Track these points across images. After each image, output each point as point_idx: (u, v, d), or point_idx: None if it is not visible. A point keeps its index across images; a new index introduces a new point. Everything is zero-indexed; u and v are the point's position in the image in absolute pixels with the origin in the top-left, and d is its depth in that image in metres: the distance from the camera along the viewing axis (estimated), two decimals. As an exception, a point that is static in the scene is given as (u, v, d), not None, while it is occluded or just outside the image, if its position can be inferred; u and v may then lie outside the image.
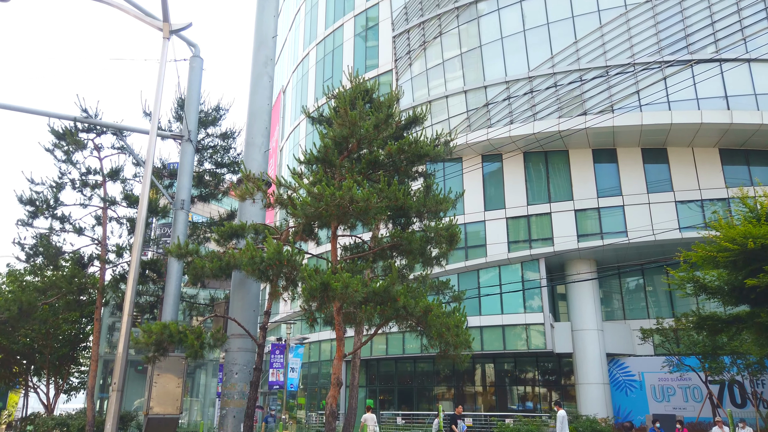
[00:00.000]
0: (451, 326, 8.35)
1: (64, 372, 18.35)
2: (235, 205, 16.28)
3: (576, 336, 26.90)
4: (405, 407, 30.85)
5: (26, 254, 14.58)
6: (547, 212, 27.37)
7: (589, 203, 26.65)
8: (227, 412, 10.94)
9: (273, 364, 29.65)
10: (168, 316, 12.34)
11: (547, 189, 27.85)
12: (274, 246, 8.78)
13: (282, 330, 38.99)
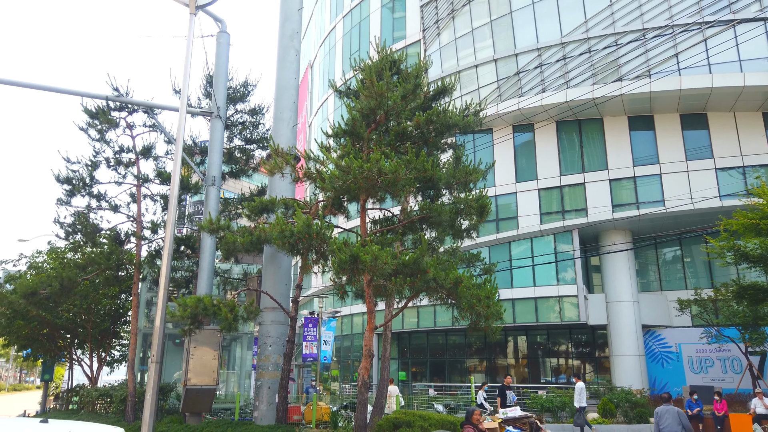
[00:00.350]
0: (482, 297, 8.27)
1: (105, 345, 19.02)
2: (265, 182, 16.38)
3: (611, 308, 26.53)
4: (437, 379, 31.09)
5: (65, 232, 15.03)
6: (581, 182, 26.80)
7: (625, 172, 25.97)
8: (262, 383, 11.17)
9: (306, 337, 30.14)
10: (202, 290, 12.59)
11: (580, 159, 27.22)
12: (303, 219, 8.79)
13: (314, 304, 39.55)
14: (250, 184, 20.67)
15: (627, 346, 25.77)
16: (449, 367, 32.23)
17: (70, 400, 17.86)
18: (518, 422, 13.85)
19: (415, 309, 30.64)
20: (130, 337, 14.45)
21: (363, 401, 9.28)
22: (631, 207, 25.39)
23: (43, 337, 18.90)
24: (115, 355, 20.81)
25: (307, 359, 30.93)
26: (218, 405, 16.91)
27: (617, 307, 26.32)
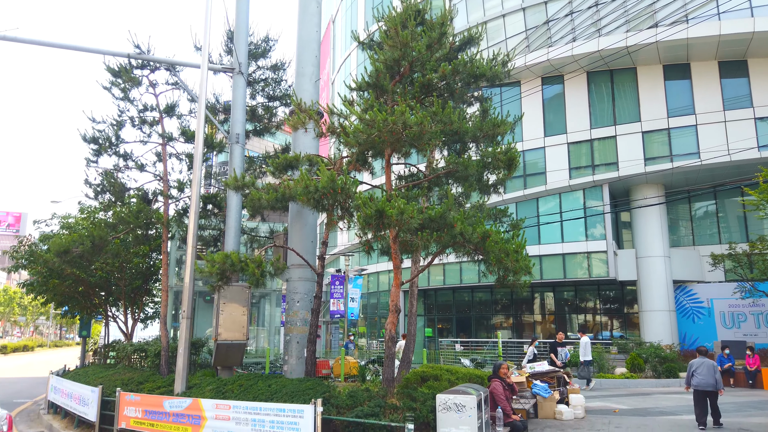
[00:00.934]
0: (510, 252, 8.10)
1: (138, 302, 19.52)
2: (288, 140, 16.23)
3: (641, 263, 26.12)
4: (463, 335, 31.35)
5: (95, 192, 15.20)
6: (612, 135, 26.04)
7: (658, 124, 25.10)
8: (291, 338, 11.32)
9: (333, 294, 30.51)
10: (230, 247, 12.68)
11: (612, 111, 26.36)
12: (327, 175, 8.67)
13: (341, 262, 39.92)
14: (274, 142, 20.57)
15: (657, 302, 25.46)
16: (475, 323, 32.42)
17: (108, 354, 18.48)
18: (545, 376, 13.86)
19: (440, 266, 30.67)
20: (162, 295, 14.74)
21: (390, 355, 9.32)
22: (665, 160, 24.64)
23: (79, 294, 19.47)
24: (148, 312, 21.40)
25: (334, 316, 31.39)
26: (249, 359, 17.32)
27: (648, 262, 25.90)
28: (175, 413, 9.38)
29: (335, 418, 7.81)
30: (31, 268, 19.07)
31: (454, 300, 33.47)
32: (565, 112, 27.35)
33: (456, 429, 7.40)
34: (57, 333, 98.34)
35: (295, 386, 8.94)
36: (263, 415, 8.16)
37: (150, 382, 11.51)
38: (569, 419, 12.27)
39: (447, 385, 9.20)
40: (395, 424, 7.40)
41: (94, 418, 11.23)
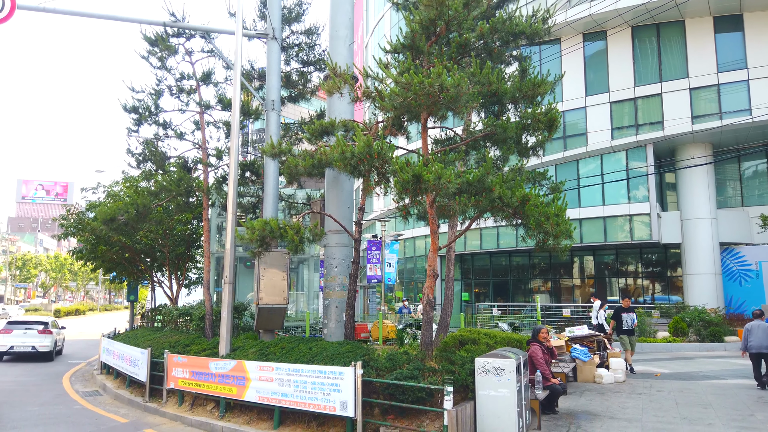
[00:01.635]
0: (550, 215, 7.94)
1: (182, 268, 20.11)
2: (323, 106, 16.16)
3: (685, 225, 25.37)
4: (500, 300, 31.29)
5: (137, 161, 15.54)
6: (657, 93, 25.00)
7: (707, 80, 23.93)
8: (330, 302, 11.49)
9: (370, 259, 30.74)
10: (268, 214, 12.85)
11: (657, 67, 25.23)
12: (364, 140, 8.59)
13: (377, 227, 40.07)
14: (309, 109, 20.53)
15: (702, 265, 24.78)
16: (513, 288, 32.28)
17: (155, 318, 19.20)
18: (585, 340, 13.76)
19: (477, 231, 30.47)
20: (204, 261, 15.12)
21: (428, 319, 9.36)
22: (713, 118, 23.58)
23: (126, 261, 20.17)
24: (192, 277, 22.04)
25: (371, 281, 31.71)
26: (289, 323, 17.72)
27: (693, 224, 25.13)
28: (221, 374, 9.70)
29: (375, 380, 7.94)
30: (80, 236, 19.83)
31: (491, 264, 33.32)
32: (607, 70, 26.33)
33: (495, 392, 7.43)
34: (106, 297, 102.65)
35: (335, 349, 9.10)
36: (305, 377, 8.36)
37: (196, 345, 11.92)
38: (609, 383, 12.19)
39: (485, 349, 9.22)
40: (434, 387, 7.48)
41: (145, 379, 11.74)
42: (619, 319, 14.10)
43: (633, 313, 14.28)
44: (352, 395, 7.73)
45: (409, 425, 7.67)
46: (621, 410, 9.49)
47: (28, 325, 20.52)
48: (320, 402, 8.10)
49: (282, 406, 8.67)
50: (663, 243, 25.38)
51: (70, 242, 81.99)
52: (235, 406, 9.72)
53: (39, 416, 10.43)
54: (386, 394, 7.88)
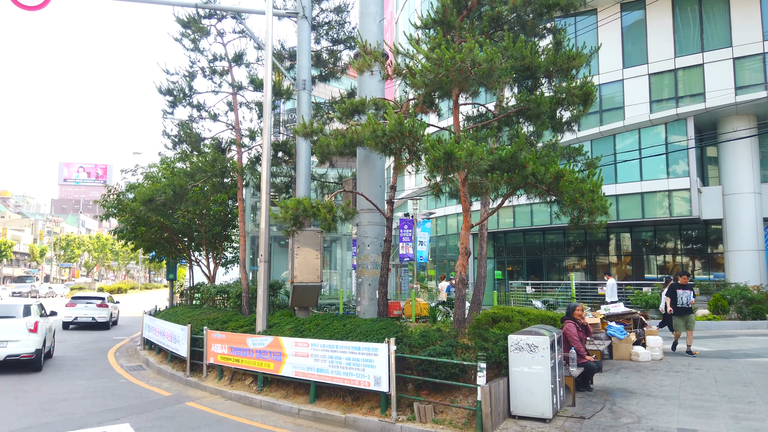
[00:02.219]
0: (585, 191, 7.80)
1: (219, 248, 20.55)
2: (354, 85, 16.11)
3: (727, 200, 24.60)
4: (534, 277, 31.04)
5: (173, 142, 15.87)
6: (699, 63, 24.08)
7: (752, 48, 22.91)
8: (363, 280, 11.60)
9: (402, 238, 30.80)
10: (301, 194, 12.98)
11: (699, 36, 24.25)
12: (395, 118, 8.56)
13: (408, 206, 40.03)
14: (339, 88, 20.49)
15: (745, 241, 24.05)
16: (547, 265, 31.96)
17: (193, 296, 19.74)
18: (621, 318, 13.58)
19: (510, 209, 30.16)
20: (239, 240, 15.42)
21: (461, 297, 9.38)
22: (759, 88, 22.63)
23: (164, 240, 20.71)
24: (228, 256, 22.51)
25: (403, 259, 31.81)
26: (323, 301, 17.99)
27: (735, 199, 24.35)
28: (258, 350, 9.96)
29: (408, 356, 8.02)
30: (120, 216, 20.41)
31: (524, 242, 33.01)
32: (646, 41, 25.45)
33: (528, 369, 7.44)
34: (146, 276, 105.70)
35: (369, 326, 9.22)
36: (340, 353, 8.51)
37: (233, 322, 12.23)
38: (646, 360, 12.04)
39: (518, 326, 9.20)
40: (467, 363, 7.52)
41: (185, 354, 12.13)
42: (674, 296, 12.98)
43: (690, 291, 13.00)
44: (386, 371, 7.84)
45: (443, 400, 7.76)
46: (658, 388, 9.39)
47: (89, 300, 24.53)
48: (355, 377, 8.25)
49: (318, 381, 8.87)
50: (703, 219, 24.68)
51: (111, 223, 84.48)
52: (272, 381, 9.98)
53: (87, 389, 10.91)
54: (419, 370, 7.97)
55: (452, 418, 7.43)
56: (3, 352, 12.16)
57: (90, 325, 24.14)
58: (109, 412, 8.88)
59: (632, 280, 26.30)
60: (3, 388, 10.89)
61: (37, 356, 12.67)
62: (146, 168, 22.51)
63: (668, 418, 7.50)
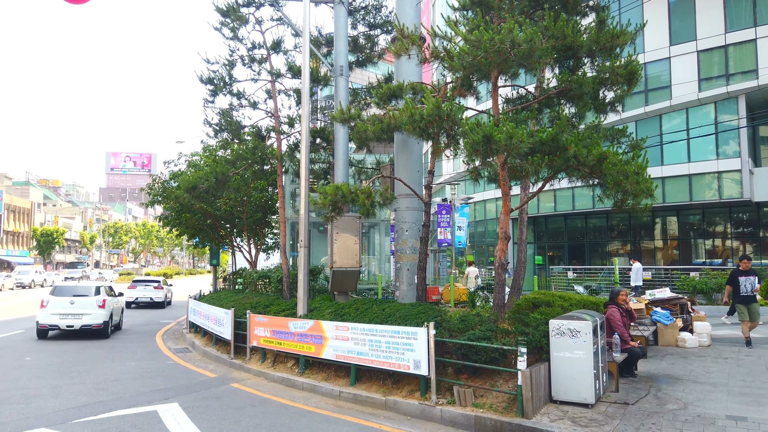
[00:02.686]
0: (630, 174, 7.59)
1: (260, 233, 20.95)
2: (391, 69, 16.03)
3: (782, 182, 23.55)
4: (576, 262, 30.51)
5: (214, 131, 16.18)
6: (751, 39, 22.97)
7: (810, 22, 21.71)
8: (401, 265, 11.64)
9: (440, 223, 30.69)
10: (339, 179, 13.06)
11: (751, 11, 23.11)
12: (432, 102, 8.50)
13: (447, 191, 39.80)
14: (376, 73, 20.43)
15: (800, 225, 23.01)
16: (589, 250, 31.35)
17: (236, 281, 20.21)
18: (667, 303, 13.24)
19: (551, 193, 29.64)
20: (280, 226, 15.66)
21: (500, 282, 9.31)
22: (817, 64, 21.47)
23: (207, 227, 21.24)
24: (269, 242, 22.93)
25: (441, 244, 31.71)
26: (362, 286, 18.14)
27: (790, 181, 23.28)
28: (300, 333, 10.14)
29: (448, 340, 8.04)
30: (165, 204, 21.00)
31: (565, 227, 32.43)
32: (694, 16, 24.42)
33: (570, 354, 7.35)
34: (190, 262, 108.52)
35: (408, 310, 9.26)
36: (379, 336, 8.59)
37: (275, 306, 12.48)
38: (693, 347, 11.72)
39: (560, 311, 9.08)
40: (507, 348, 7.48)
41: (229, 337, 12.46)
42: (735, 284, 11.79)
43: (754, 276, 11.76)
44: (426, 354, 7.88)
45: (483, 384, 7.75)
46: (705, 374, 9.14)
47: (147, 283, 28.52)
48: (394, 360, 8.32)
49: (358, 364, 8.98)
50: (755, 201, 23.71)
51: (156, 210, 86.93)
52: (313, 364, 10.16)
53: (137, 370, 11.36)
54: (459, 354, 7.97)
55: (492, 402, 7.42)
56: (79, 322, 15.64)
57: (148, 305, 27.70)
58: (159, 392, 9.23)
59: (679, 264, 25.57)
60: (60, 369, 11.44)
61: (104, 327, 16.04)
62: (189, 156, 23.07)
63: (716, 405, 7.31)
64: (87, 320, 15.66)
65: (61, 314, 15.57)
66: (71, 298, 15.83)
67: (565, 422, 6.70)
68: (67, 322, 15.53)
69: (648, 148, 21.33)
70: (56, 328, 15.62)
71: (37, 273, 51.75)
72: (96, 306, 15.90)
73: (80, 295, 16.05)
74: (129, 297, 26.97)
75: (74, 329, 15.63)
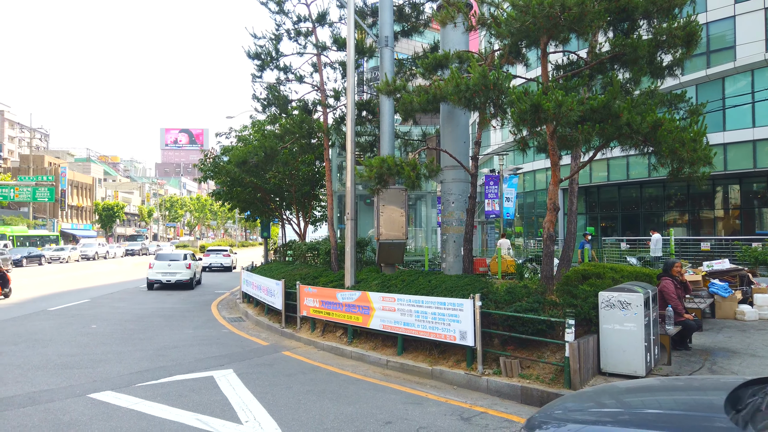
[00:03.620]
0: (686, 141, 7.27)
1: (308, 207, 21.30)
2: (437, 39, 15.75)
3: None
4: (629, 233, 29.63)
5: (262, 105, 16.40)
6: (826, -7, 21.32)
7: None
8: (447, 237, 11.62)
9: (488, 194, 30.31)
10: (385, 152, 13.05)
11: (828, -39, 21.40)
12: (478, 71, 8.33)
13: (495, 162, 39.19)
14: (422, 42, 20.13)
15: None
16: (644, 220, 30.37)
17: (286, 253, 20.69)
18: (726, 275, 12.75)
19: (604, 162, 28.75)
20: (327, 199, 15.87)
21: (549, 253, 9.18)
22: None
23: (258, 200, 21.75)
24: (317, 215, 23.30)
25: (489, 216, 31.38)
26: (408, 257, 18.23)
27: None
28: (347, 304, 10.35)
29: (494, 312, 8.03)
30: (217, 178, 21.58)
31: (619, 197, 31.45)
32: (762, -29, 22.79)
33: (620, 326, 7.22)
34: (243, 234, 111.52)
35: (454, 282, 9.28)
36: (425, 308, 8.66)
37: (323, 277, 12.74)
38: (752, 320, 11.29)
39: (610, 283, 8.89)
40: (555, 320, 7.42)
41: (280, 307, 12.84)
42: None
43: None
44: (471, 326, 7.91)
45: (530, 356, 7.74)
46: (764, 348, 8.81)
47: (218, 251, 36.49)
48: (440, 331, 8.39)
49: (404, 335, 9.11)
50: (826, 168, 22.31)
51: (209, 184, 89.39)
52: (361, 333, 10.37)
53: (194, 338, 11.89)
54: (505, 326, 7.96)
55: (539, 374, 7.41)
56: (174, 278, 22.24)
57: (219, 269, 34.90)
58: (214, 359, 9.65)
59: (741, 234, 24.46)
60: (123, 336, 12.11)
61: (190, 281, 22.75)
62: (239, 131, 23.52)
63: (776, 380, 7.05)
64: (179, 277, 22.21)
65: (162, 272, 22.09)
66: (168, 261, 22.50)
67: (614, 395, 6.62)
68: (166, 278, 22.07)
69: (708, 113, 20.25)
70: (159, 282, 22.09)
71: (100, 245, 54.45)
72: (184, 267, 22.48)
73: (174, 259, 22.86)
74: (204, 263, 33.18)
75: (171, 282, 22.15)
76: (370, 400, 7.07)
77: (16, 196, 50.99)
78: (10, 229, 48.17)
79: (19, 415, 6.39)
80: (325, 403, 6.92)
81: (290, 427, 5.95)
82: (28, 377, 8.20)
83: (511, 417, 6.35)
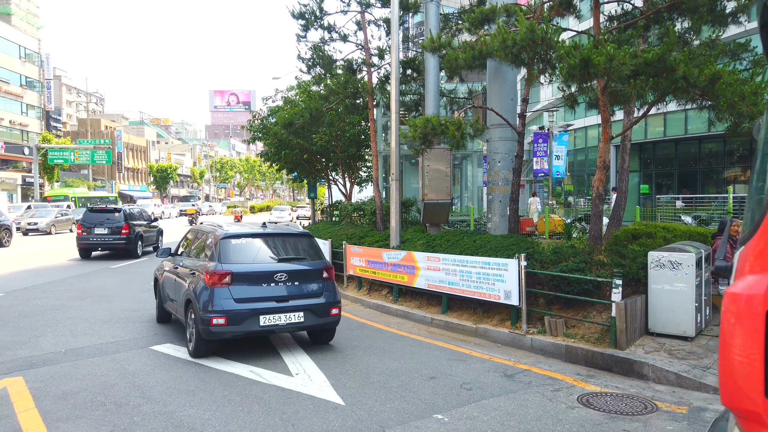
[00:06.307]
0: (746, 94, 6.88)
1: (354, 167, 21.44)
2: (484, -10, 15.24)
3: None
4: (686, 191, 28.52)
5: (307, 66, 16.42)
6: None
7: None
8: (493, 197, 11.53)
9: (537, 152, 29.67)
10: (430, 111, 12.93)
11: None
12: (526, 25, 8.07)
13: (544, 118, 38.13)
14: (469, -5, 19.51)
15: None
16: (702, 177, 29.13)
17: (332, 213, 21.02)
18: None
19: (660, 116, 27.54)
20: (372, 159, 15.93)
21: (598, 213, 9.01)
22: None
23: (304, 162, 22.02)
24: (362, 175, 23.45)
25: (537, 174, 30.79)
26: (454, 217, 18.21)
27: None
28: (393, 263, 10.51)
29: (539, 272, 8.01)
30: (265, 140, 21.93)
31: (676, 153, 30.19)
32: None
33: (670, 286, 7.09)
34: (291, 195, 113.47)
35: (499, 242, 9.27)
36: (470, 267, 8.71)
37: (369, 237, 12.92)
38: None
39: (661, 243, 8.68)
40: (602, 280, 7.34)
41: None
42: None
43: None
44: (516, 285, 7.93)
45: (575, 316, 7.72)
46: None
47: (281, 210, 44.59)
48: (485, 291, 8.45)
49: (449, 294, 9.22)
50: None
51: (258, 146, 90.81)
52: (406, 292, 10.55)
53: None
54: (551, 285, 7.94)
55: (584, 333, 7.40)
56: None
57: None
58: (266, 315, 10.04)
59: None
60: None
61: None
62: (285, 92, 23.68)
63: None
64: None
65: None
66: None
67: (661, 354, 6.57)
68: None
69: (776, 63, 19.04)
70: None
71: (155, 206, 56.62)
72: None
73: None
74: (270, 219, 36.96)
75: None
76: (415, 356, 7.26)
77: (76, 159, 53.26)
78: (72, 190, 50.57)
79: (89, 364, 6.89)
80: (372, 358, 7.15)
81: (338, 380, 6.20)
82: (96, 330, 8.78)
83: (554, 375, 6.41)
